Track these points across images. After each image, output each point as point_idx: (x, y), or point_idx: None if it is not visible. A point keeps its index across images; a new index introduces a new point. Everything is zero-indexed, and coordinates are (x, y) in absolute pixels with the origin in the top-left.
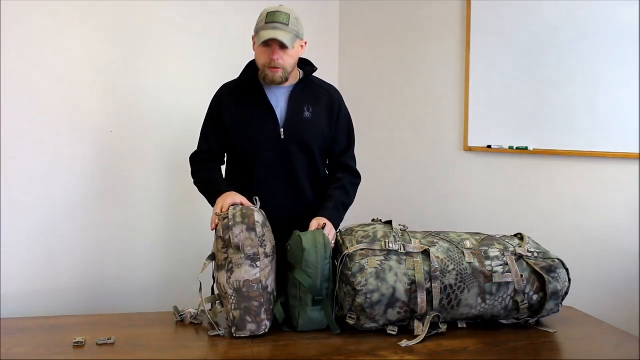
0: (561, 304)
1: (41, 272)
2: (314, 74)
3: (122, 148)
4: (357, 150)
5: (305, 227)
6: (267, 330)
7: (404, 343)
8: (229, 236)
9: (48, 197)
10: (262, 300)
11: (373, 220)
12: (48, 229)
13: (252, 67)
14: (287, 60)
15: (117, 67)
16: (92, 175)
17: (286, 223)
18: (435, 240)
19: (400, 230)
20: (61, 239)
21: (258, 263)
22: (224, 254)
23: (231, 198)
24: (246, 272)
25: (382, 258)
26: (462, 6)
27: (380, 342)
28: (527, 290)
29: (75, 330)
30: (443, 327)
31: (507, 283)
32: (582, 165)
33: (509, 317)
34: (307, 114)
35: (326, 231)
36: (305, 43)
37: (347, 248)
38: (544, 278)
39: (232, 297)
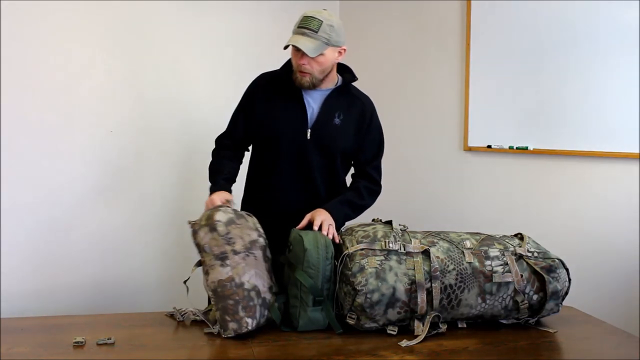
0: (561, 303)
1: (41, 272)
2: (354, 83)
3: (122, 148)
4: None
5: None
6: (250, 328)
7: (404, 343)
8: (198, 240)
9: (48, 197)
10: (238, 298)
11: (373, 220)
12: (48, 229)
13: (285, 66)
14: (315, 66)
15: (117, 67)
16: (92, 175)
17: (297, 220)
18: (435, 240)
19: (400, 230)
20: (61, 239)
21: (228, 261)
22: (202, 258)
23: (210, 201)
24: (218, 273)
25: (382, 258)
26: (462, 6)
27: (380, 342)
28: (527, 290)
29: (75, 330)
30: (443, 327)
31: (507, 283)
32: (582, 165)
33: (509, 317)
34: (337, 120)
35: (316, 224)
36: (344, 50)
37: (347, 248)
38: (544, 278)
39: (213, 299)
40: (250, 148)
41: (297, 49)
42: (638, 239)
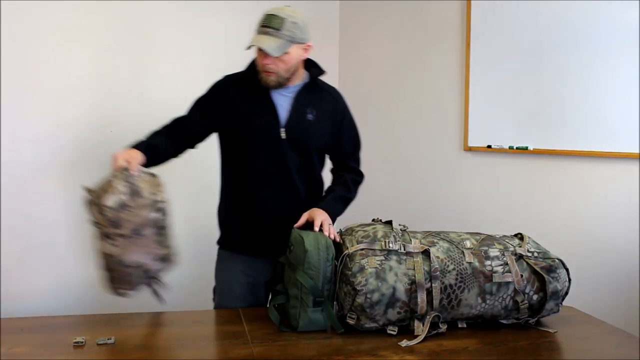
0: (561, 303)
1: (41, 272)
2: (321, 77)
3: (122, 147)
4: None
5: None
6: (130, 296)
7: (404, 343)
8: (88, 211)
9: (48, 196)
10: (120, 274)
11: (373, 220)
12: (48, 229)
13: (252, 66)
14: (280, 65)
15: (117, 67)
16: (92, 175)
17: (278, 221)
18: (435, 240)
19: (400, 230)
20: (61, 239)
21: (113, 241)
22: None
23: (114, 157)
24: (104, 246)
25: (382, 258)
26: (462, 6)
27: (380, 342)
28: (527, 290)
29: (75, 330)
30: (443, 327)
31: (507, 283)
32: (582, 165)
33: (509, 317)
34: (309, 116)
35: (317, 224)
36: (309, 46)
37: (347, 248)
38: (544, 278)
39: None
40: (198, 146)
41: (260, 49)
42: (638, 239)
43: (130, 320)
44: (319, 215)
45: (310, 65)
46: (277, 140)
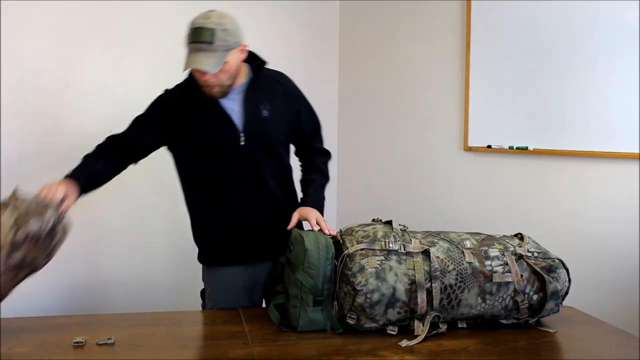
0: (561, 303)
1: (41, 272)
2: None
3: None
4: (358, 149)
5: (282, 228)
6: None
7: (404, 343)
8: None
9: None
10: None
11: (373, 220)
12: None
13: (192, 77)
14: (221, 76)
15: (118, 67)
16: None
17: (257, 224)
18: (435, 240)
19: (400, 230)
20: None
21: None
22: None
23: (61, 190)
24: None
25: (382, 258)
26: (462, 6)
27: (380, 342)
28: (527, 290)
29: (75, 330)
30: (443, 327)
31: (507, 283)
32: (582, 165)
33: (509, 317)
34: (264, 112)
35: (313, 221)
36: (245, 46)
37: (347, 248)
38: (544, 278)
39: None
40: (142, 159)
41: None
42: (638, 239)
43: (130, 320)
44: (311, 214)
45: (251, 59)
46: (238, 148)
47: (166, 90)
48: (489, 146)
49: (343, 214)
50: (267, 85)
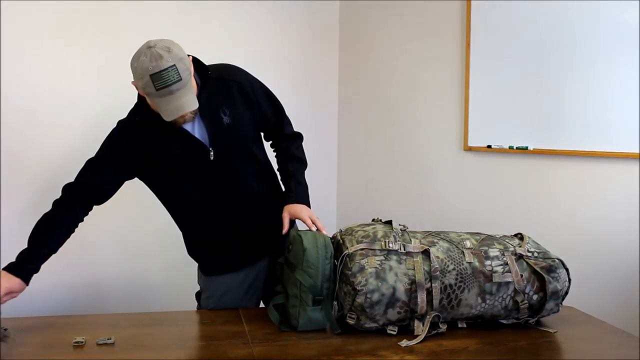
0: (561, 303)
1: (41, 272)
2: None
3: None
4: (358, 150)
5: (272, 224)
6: None
7: (404, 343)
8: None
9: (47, 197)
10: None
11: (373, 220)
12: None
13: (144, 105)
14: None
15: (118, 67)
16: None
17: (253, 230)
18: (435, 240)
19: (400, 230)
20: None
21: None
22: None
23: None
24: None
25: (382, 258)
26: (462, 6)
27: (380, 342)
28: (527, 290)
29: (75, 330)
30: (443, 327)
31: (507, 283)
32: (582, 165)
33: (509, 317)
34: (226, 119)
35: (307, 220)
36: (191, 58)
37: (347, 248)
38: (544, 278)
39: None
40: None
41: None
42: (638, 239)
43: (130, 320)
44: (302, 212)
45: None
46: (209, 164)
47: (119, 124)
48: (489, 146)
49: (343, 214)
50: (219, 88)
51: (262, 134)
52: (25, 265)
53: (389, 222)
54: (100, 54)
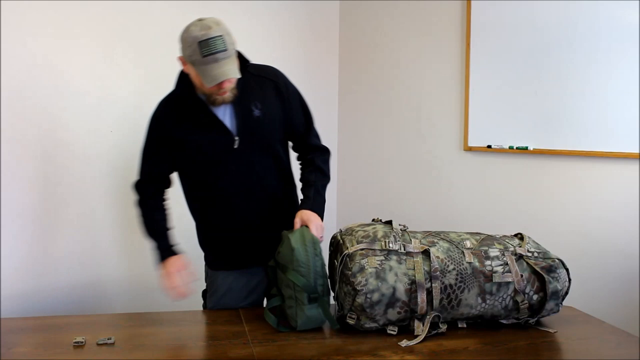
0: (561, 303)
1: (41, 273)
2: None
3: (122, 148)
4: (358, 149)
5: (283, 227)
6: None
7: (404, 343)
8: None
9: (47, 196)
10: None
11: (373, 220)
12: (48, 229)
13: (186, 79)
14: (234, 80)
15: (118, 66)
16: (92, 175)
17: (264, 230)
18: (435, 240)
19: (400, 230)
20: (61, 239)
21: None
22: None
23: (169, 280)
24: None
25: (382, 258)
26: (462, 6)
27: (380, 342)
28: (527, 290)
29: (75, 330)
30: (443, 327)
31: (507, 283)
32: (582, 165)
33: (509, 317)
34: (256, 112)
35: (312, 230)
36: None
37: (347, 248)
38: (544, 278)
39: None
40: (176, 178)
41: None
42: (638, 239)
43: (130, 320)
44: (313, 221)
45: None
46: (233, 152)
47: (158, 104)
48: (489, 146)
49: (343, 214)
50: (255, 83)
51: (289, 142)
52: (171, 248)
53: (389, 222)
54: (100, 54)
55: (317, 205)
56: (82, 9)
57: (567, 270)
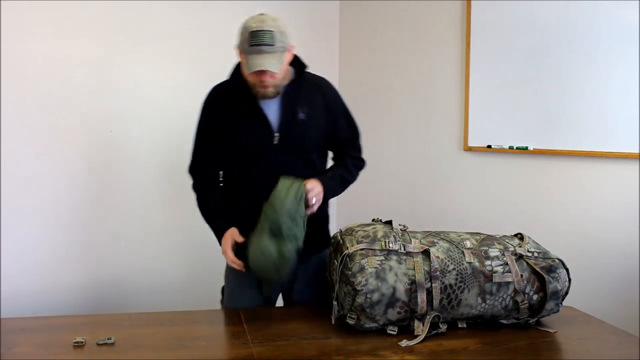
0: (561, 303)
1: (41, 272)
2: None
3: (123, 148)
4: None
5: (310, 231)
6: None
7: (404, 343)
8: None
9: (48, 197)
10: None
11: (373, 220)
12: (48, 229)
13: (240, 69)
14: (277, 77)
15: (118, 67)
16: (92, 175)
17: None
18: (435, 240)
19: (400, 230)
20: (61, 239)
21: None
22: None
23: (228, 243)
24: None
25: (382, 258)
26: (462, 6)
27: (380, 342)
28: (527, 290)
29: (75, 330)
30: (443, 327)
31: (507, 283)
32: (582, 165)
33: (509, 317)
34: (301, 115)
35: (308, 189)
36: (293, 47)
37: (347, 248)
38: (544, 278)
39: None
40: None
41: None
42: (638, 239)
43: (130, 320)
44: (315, 188)
45: (294, 61)
46: (271, 147)
47: (212, 88)
48: (489, 146)
49: (343, 214)
50: (307, 89)
51: (329, 151)
52: (226, 224)
53: (389, 222)
54: (99, 54)
55: (330, 183)
56: (82, 8)
57: (567, 270)
